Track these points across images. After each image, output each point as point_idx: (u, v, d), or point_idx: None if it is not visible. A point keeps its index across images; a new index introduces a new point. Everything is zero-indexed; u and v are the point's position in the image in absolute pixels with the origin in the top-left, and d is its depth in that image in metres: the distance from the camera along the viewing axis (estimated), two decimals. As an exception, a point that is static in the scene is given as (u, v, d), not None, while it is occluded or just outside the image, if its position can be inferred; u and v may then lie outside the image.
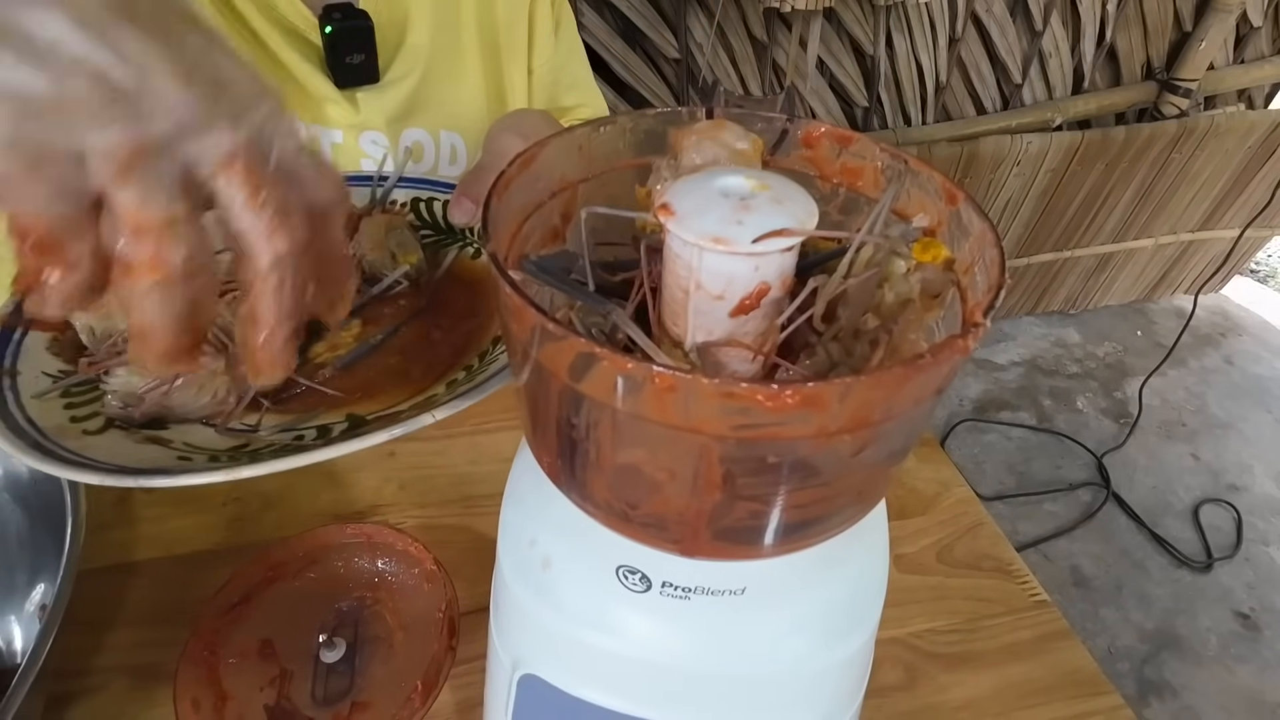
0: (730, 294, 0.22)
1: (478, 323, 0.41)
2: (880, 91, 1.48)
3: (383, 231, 0.43)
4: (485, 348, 0.39)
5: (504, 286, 0.20)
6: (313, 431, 0.34)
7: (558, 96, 0.67)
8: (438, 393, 0.36)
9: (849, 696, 0.30)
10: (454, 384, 0.36)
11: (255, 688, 0.39)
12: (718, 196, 0.22)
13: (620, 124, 0.27)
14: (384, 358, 0.39)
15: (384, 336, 0.40)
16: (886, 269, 0.22)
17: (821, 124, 0.27)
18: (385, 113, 0.57)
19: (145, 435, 0.33)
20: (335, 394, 0.36)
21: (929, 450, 0.59)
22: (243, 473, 0.28)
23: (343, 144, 0.57)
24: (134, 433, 0.33)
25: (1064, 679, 0.46)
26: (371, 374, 0.38)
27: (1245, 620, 1.37)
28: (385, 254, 0.43)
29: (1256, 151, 1.75)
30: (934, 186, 0.24)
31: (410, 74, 0.57)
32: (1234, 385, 1.85)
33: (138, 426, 0.34)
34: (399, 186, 0.49)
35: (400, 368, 0.38)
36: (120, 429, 0.33)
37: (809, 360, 0.23)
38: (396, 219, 0.45)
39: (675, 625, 0.26)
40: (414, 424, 0.30)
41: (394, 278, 0.42)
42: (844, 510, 0.23)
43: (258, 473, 0.28)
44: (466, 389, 0.33)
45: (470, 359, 0.38)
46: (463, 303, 0.42)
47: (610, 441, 0.20)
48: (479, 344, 0.39)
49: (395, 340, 0.40)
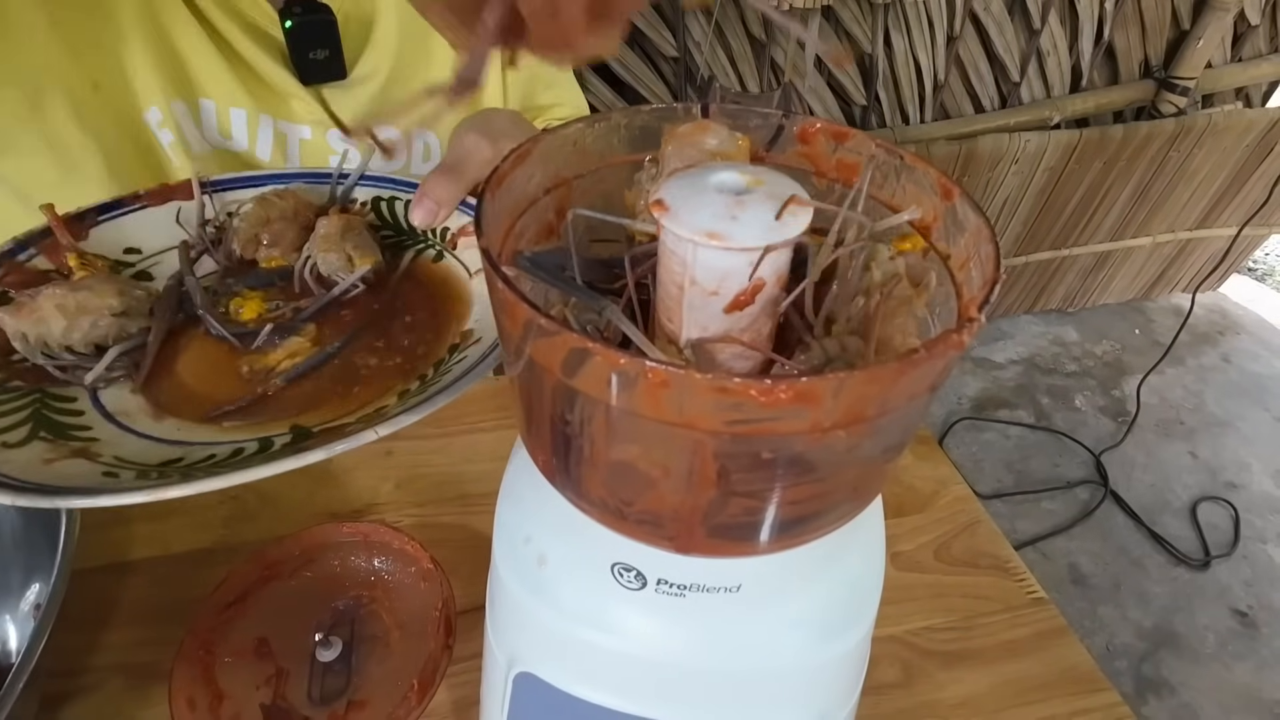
0: (725, 290, 0.21)
1: (436, 329, 0.39)
2: (878, 90, 1.48)
3: (339, 232, 0.41)
4: (441, 357, 0.37)
5: (497, 282, 0.19)
6: (254, 444, 0.32)
7: (534, 94, 0.65)
8: (388, 404, 0.34)
9: (845, 693, 0.30)
10: (405, 394, 0.34)
11: (251, 687, 0.39)
12: (712, 192, 0.22)
13: (615, 120, 0.27)
14: (336, 366, 0.37)
15: (340, 345, 0.38)
16: (870, 252, 0.22)
17: (817, 120, 0.27)
18: (354, 111, 0.56)
19: (72, 448, 0.31)
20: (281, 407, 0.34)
21: (927, 448, 0.59)
22: (169, 492, 0.27)
23: (311, 140, 0.56)
24: (59, 445, 0.31)
25: (1061, 676, 0.46)
26: (322, 382, 0.36)
27: (1243, 618, 1.37)
28: (341, 256, 0.41)
29: (1254, 150, 1.75)
30: (929, 182, 0.24)
31: (378, 71, 0.56)
32: (1232, 383, 1.85)
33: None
34: (360, 184, 0.47)
35: (351, 377, 0.36)
36: (45, 441, 0.31)
37: (804, 356, 0.22)
38: (354, 219, 0.43)
39: (671, 623, 0.26)
40: (356, 440, 0.29)
41: (350, 281, 0.40)
42: (839, 507, 0.23)
43: (185, 492, 0.27)
44: (417, 400, 0.32)
45: (425, 368, 0.36)
46: (421, 308, 0.41)
47: (604, 438, 0.20)
48: (435, 353, 0.37)
49: (349, 347, 0.38)
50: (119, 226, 0.42)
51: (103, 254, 0.41)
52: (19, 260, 0.39)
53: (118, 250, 0.42)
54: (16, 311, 0.35)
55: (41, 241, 0.39)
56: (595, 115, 0.27)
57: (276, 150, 0.56)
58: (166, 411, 0.34)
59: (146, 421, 0.34)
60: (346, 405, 0.34)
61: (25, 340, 0.35)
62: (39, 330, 0.35)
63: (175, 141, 0.52)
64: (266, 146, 0.55)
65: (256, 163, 0.56)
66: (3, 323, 0.35)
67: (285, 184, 0.46)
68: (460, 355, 0.36)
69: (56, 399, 0.34)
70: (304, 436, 0.32)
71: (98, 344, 0.36)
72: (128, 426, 0.33)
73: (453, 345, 0.37)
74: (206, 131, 0.54)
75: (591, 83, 1.31)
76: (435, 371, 0.36)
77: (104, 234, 0.42)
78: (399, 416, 0.30)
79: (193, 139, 0.53)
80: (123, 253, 0.42)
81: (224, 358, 0.38)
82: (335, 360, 0.37)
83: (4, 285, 0.37)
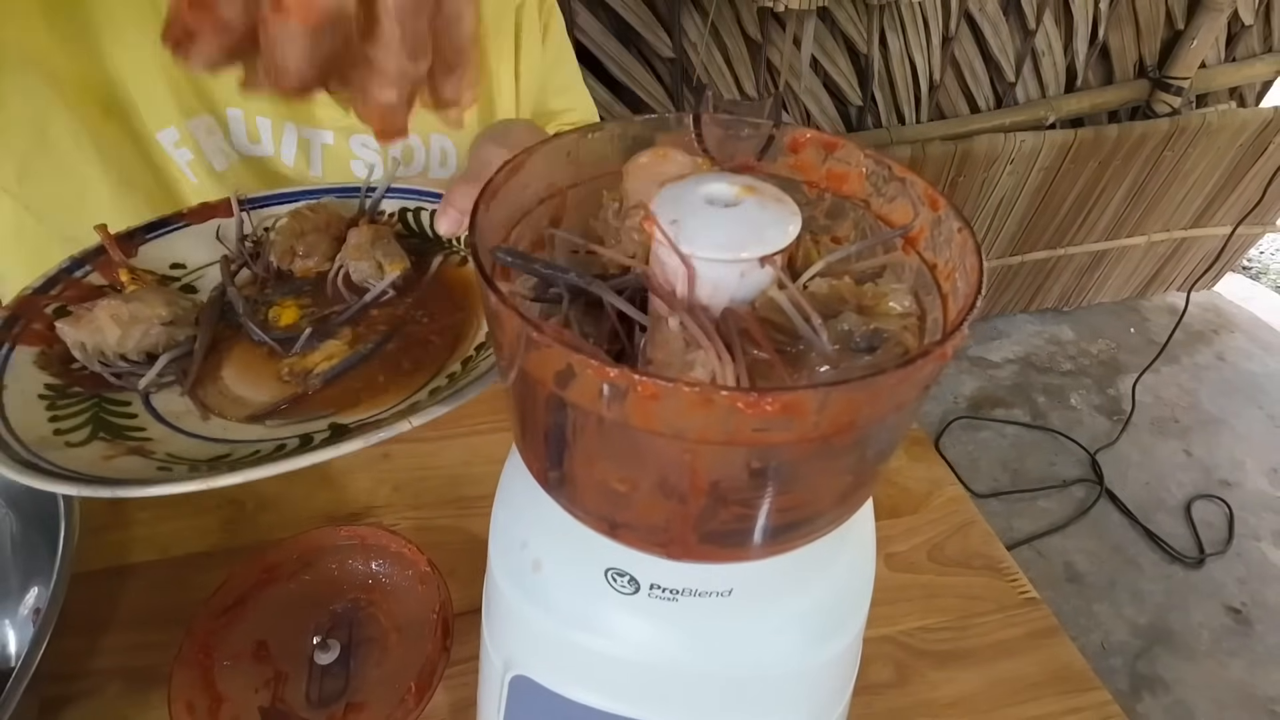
0: (715, 302, 0.22)
1: (463, 330, 0.41)
2: (874, 90, 1.48)
3: (369, 242, 0.44)
4: (469, 354, 0.39)
5: (489, 295, 0.20)
6: (295, 440, 0.34)
7: (546, 101, 0.67)
8: (420, 399, 0.36)
9: (836, 695, 0.30)
10: (437, 390, 0.36)
11: (250, 690, 0.39)
12: (702, 203, 0.22)
13: (609, 130, 0.28)
14: (370, 366, 0.39)
15: (374, 345, 0.40)
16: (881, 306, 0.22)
17: (807, 130, 0.27)
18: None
19: (128, 447, 0.33)
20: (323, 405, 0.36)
21: (920, 449, 0.60)
22: (219, 481, 0.29)
23: (333, 145, 0.57)
24: (117, 444, 0.33)
25: (1053, 676, 0.46)
26: (358, 384, 0.38)
27: (1237, 615, 1.38)
28: (372, 264, 0.44)
29: (1248, 149, 1.76)
30: (917, 193, 0.25)
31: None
32: (1226, 381, 1.86)
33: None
34: (386, 196, 0.50)
35: (386, 376, 0.38)
36: (104, 440, 0.33)
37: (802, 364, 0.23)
38: (383, 230, 0.45)
39: (664, 626, 0.26)
40: (392, 430, 0.31)
41: (382, 287, 0.43)
42: (829, 512, 0.23)
43: (235, 480, 0.29)
44: (448, 394, 0.34)
45: (454, 366, 0.38)
46: (449, 310, 0.43)
47: (596, 447, 0.21)
48: (463, 351, 0.40)
49: (382, 348, 0.40)
50: (166, 244, 0.45)
51: (150, 269, 0.44)
52: (76, 277, 0.41)
53: (164, 265, 0.45)
54: (75, 323, 0.37)
55: (96, 259, 0.42)
56: (589, 126, 0.27)
57: (300, 156, 0.57)
58: (213, 412, 0.37)
59: (195, 422, 0.36)
60: (381, 402, 0.36)
61: (84, 349, 0.37)
62: (96, 339, 0.37)
63: (195, 159, 0.53)
64: (290, 152, 0.56)
65: (282, 169, 0.57)
66: (63, 333, 0.37)
67: (317, 199, 0.49)
68: (486, 353, 0.38)
69: (113, 403, 0.36)
70: (341, 432, 0.34)
71: (149, 352, 0.39)
72: (178, 427, 0.35)
73: (479, 344, 0.39)
74: (235, 140, 0.55)
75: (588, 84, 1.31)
76: (464, 368, 0.38)
77: (151, 250, 0.45)
78: (431, 409, 0.32)
79: (216, 152, 0.54)
80: (169, 268, 0.45)
81: (265, 362, 0.40)
82: (369, 360, 0.39)
83: (62, 300, 0.40)
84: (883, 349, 0.21)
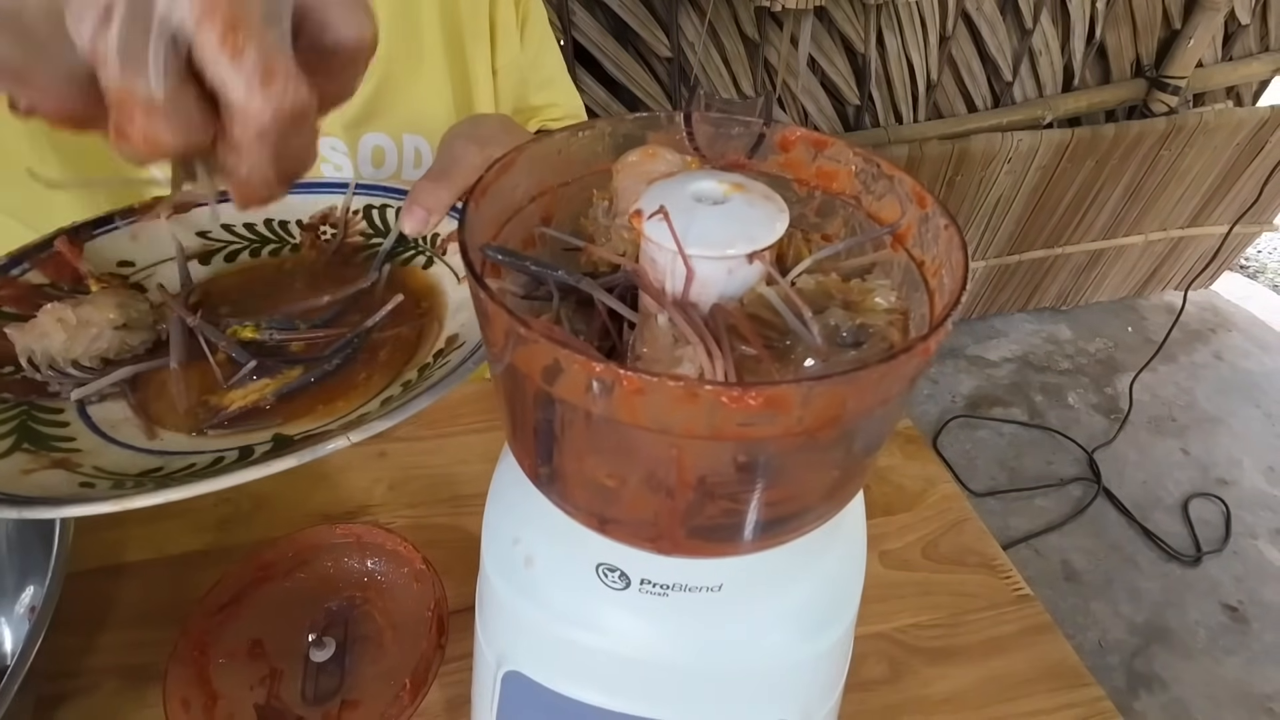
0: (704, 298, 0.22)
1: (423, 335, 0.39)
2: (872, 90, 1.48)
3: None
4: (426, 362, 0.37)
5: (479, 292, 0.20)
6: (234, 452, 0.32)
7: (527, 96, 0.64)
8: (370, 410, 0.34)
9: (827, 689, 0.30)
10: (388, 401, 0.34)
11: (245, 687, 0.39)
12: (690, 201, 0.22)
13: (599, 128, 0.28)
14: (325, 378, 0.37)
15: (334, 364, 0.37)
16: (867, 301, 0.22)
17: (796, 128, 0.27)
18: (342, 118, 0.55)
19: (52, 459, 0.31)
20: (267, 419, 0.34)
21: (915, 447, 0.60)
22: (136, 502, 0.27)
23: None
24: (40, 456, 0.31)
25: (1046, 672, 0.46)
26: (310, 392, 0.36)
27: (1233, 613, 1.38)
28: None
29: (1245, 148, 1.76)
30: (905, 190, 0.25)
31: (370, 74, 0.55)
32: (1223, 380, 1.86)
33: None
34: (355, 194, 0.47)
35: (339, 386, 0.36)
36: (26, 452, 0.31)
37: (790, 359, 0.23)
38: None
39: (654, 621, 0.26)
40: (331, 446, 0.29)
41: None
42: (818, 507, 0.24)
43: (155, 501, 0.27)
44: (397, 406, 0.31)
45: (410, 374, 0.36)
46: (410, 314, 0.40)
47: (584, 443, 0.21)
48: (419, 359, 0.37)
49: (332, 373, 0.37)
50: (112, 240, 0.43)
51: (101, 269, 0.41)
52: (12, 275, 0.39)
53: (112, 264, 0.42)
54: (21, 329, 0.35)
55: (36, 256, 0.40)
56: (580, 124, 0.28)
57: None
58: (157, 423, 0.34)
59: (131, 432, 0.34)
60: (331, 414, 0.34)
61: (31, 356, 0.35)
62: (42, 345, 0.35)
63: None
64: None
65: None
66: (13, 339, 0.35)
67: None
68: (444, 361, 0.36)
69: (44, 410, 0.34)
70: (284, 444, 0.32)
71: (103, 357, 0.36)
72: (111, 437, 0.33)
73: (438, 351, 0.37)
74: None
75: (585, 83, 1.31)
76: (420, 376, 0.36)
77: (100, 247, 0.42)
78: (374, 423, 0.30)
79: None
80: (117, 265, 0.42)
81: (203, 377, 0.37)
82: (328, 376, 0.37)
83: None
84: (868, 344, 0.21)
